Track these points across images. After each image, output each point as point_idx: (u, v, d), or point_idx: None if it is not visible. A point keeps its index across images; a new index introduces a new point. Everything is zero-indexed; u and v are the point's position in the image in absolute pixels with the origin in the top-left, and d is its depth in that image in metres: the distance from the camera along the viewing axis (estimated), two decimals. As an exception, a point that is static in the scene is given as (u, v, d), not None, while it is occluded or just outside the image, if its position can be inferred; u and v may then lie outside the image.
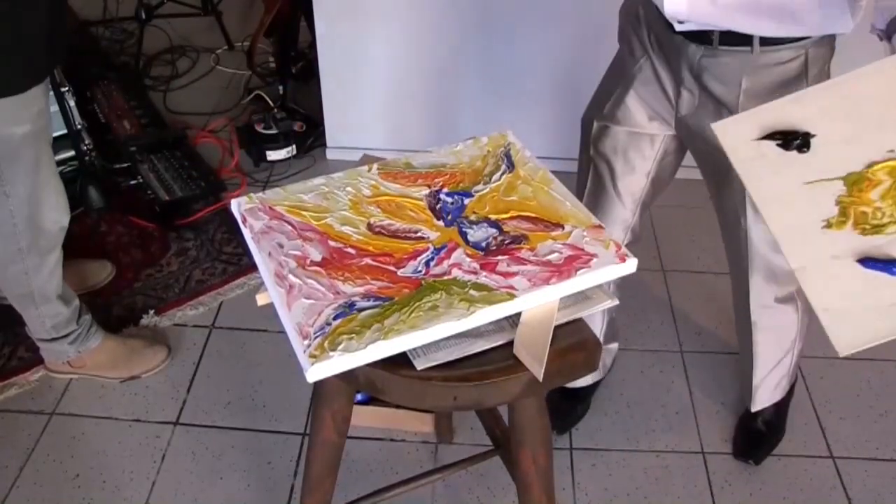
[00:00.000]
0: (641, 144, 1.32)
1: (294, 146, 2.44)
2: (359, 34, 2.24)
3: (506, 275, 0.84)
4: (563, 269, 0.85)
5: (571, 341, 0.86)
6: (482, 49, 2.25)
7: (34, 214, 1.45)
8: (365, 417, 1.63)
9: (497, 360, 0.84)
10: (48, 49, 1.32)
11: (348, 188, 0.97)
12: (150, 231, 2.16)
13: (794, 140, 0.83)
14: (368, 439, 1.65)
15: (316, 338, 0.77)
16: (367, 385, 0.86)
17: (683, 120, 1.24)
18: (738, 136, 0.86)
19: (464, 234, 0.90)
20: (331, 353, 0.75)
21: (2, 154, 1.33)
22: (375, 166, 1.02)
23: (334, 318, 0.79)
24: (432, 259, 0.87)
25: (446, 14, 2.20)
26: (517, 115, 2.32)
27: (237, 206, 0.95)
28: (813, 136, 0.83)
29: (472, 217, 0.93)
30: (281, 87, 2.64)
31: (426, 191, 0.97)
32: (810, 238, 0.80)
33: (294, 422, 1.69)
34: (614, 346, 1.70)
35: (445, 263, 0.86)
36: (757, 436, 1.63)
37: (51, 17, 1.29)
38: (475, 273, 0.85)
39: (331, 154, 2.51)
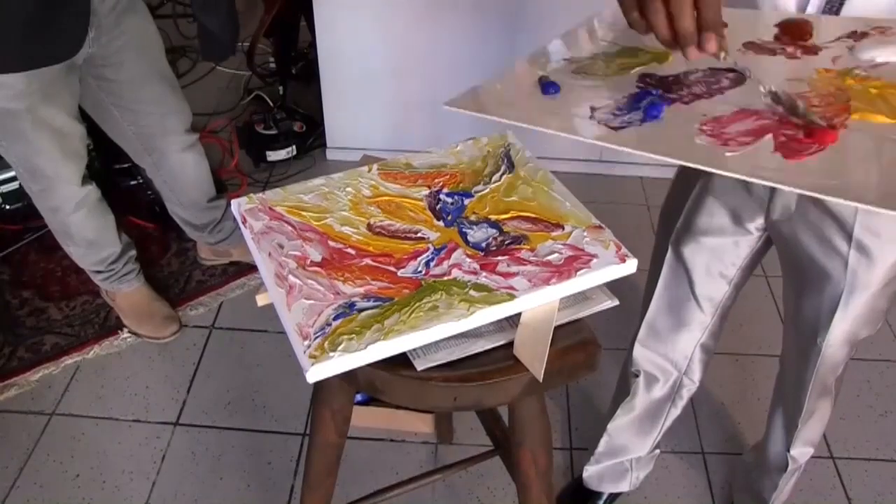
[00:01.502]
0: (724, 254, 1.17)
1: (294, 146, 2.45)
2: (358, 34, 2.25)
3: (506, 275, 0.84)
4: (563, 270, 0.85)
5: (572, 342, 0.86)
6: (482, 49, 2.25)
7: (35, 174, 1.59)
8: (365, 417, 1.63)
9: (497, 360, 0.84)
10: (29, 41, 1.35)
11: (348, 188, 0.97)
12: (150, 231, 2.16)
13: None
14: (368, 439, 1.65)
15: (316, 338, 0.77)
16: (367, 385, 0.86)
17: (776, 225, 1.08)
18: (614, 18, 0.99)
19: (464, 235, 0.90)
20: (331, 354, 0.75)
21: None
22: (375, 166, 1.01)
23: (334, 319, 0.79)
24: (432, 259, 0.86)
25: (446, 14, 2.20)
26: (517, 115, 2.32)
27: (237, 206, 0.95)
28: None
29: (472, 217, 0.93)
30: (281, 87, 2.65)
31: (426, 191, 0.97)
32: (544, 61, 0.90)
33: (294, 422, 1.70)
34: (657, 452, 1.52)
35: (445, 264, 0.86)
36: None
37: (37, 9, 1.32)
38: (475, 273, 0.84)
39: (331, 154, 2.51)
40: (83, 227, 1.71)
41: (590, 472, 1.51)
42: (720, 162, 0.69)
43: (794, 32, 0.89)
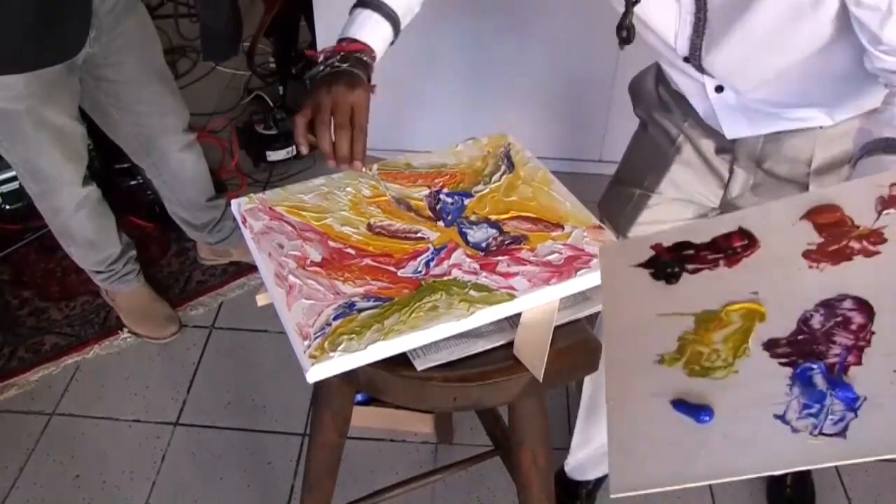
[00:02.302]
0: None
1: (294, 146, 2.44)
2: (359, 34, 2.24)
3: (506, 275, 0.84)
4: (563, 270, 0.85)
5: (571, 342, 0.86)
6: (482, 49, 2.25)
7: (36, 175, 1.59)
8: (365, 417, 1.63)
9: (497, 360, 0.84)
10: (29, 41, 1.35)
11: (348, 188, 0.97)
12: (149, 231, 2.16)
13: (666, 269, 0.80)
14: (368, 439, 1.65)
15: (316, 338, 0.77)
16: (367, 385, 0.86)
17: (732, 203, 1.09)
18: (620, 260, 0.83)
19: (464, 235, 0.90)
20: (331, 354, 0.75)
21: None
22: (375, 166, 1.02)
23: (334, 319, 0.79)
24: (432, 259, 0.87)
25: (446, 14, 2.19)
26: (517, 115, 2.32)
27: (237, 206, 0.95)
28: (688, 269, 0.79)
29: (472, 217, 0.93)
30: (281, 88, 2.64)
31: (426, 191, 0.97)
32: (637, 373, 0.74)
33: (294, 422, 1.69)
34: None
35: (445, 264, 0.86)
36: (789, 501, 1.56)
37: (38, 9, 1.32)
38: (475, 273, 0.85)
39: (331, 154, 2.50)
40: (84, 228, 1.71)
41: (571, 464, 1.53)
42: None
43: (833, 223, 0.78)
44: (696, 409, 0.69)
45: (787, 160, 1.03)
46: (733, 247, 0.79)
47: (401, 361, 0.81)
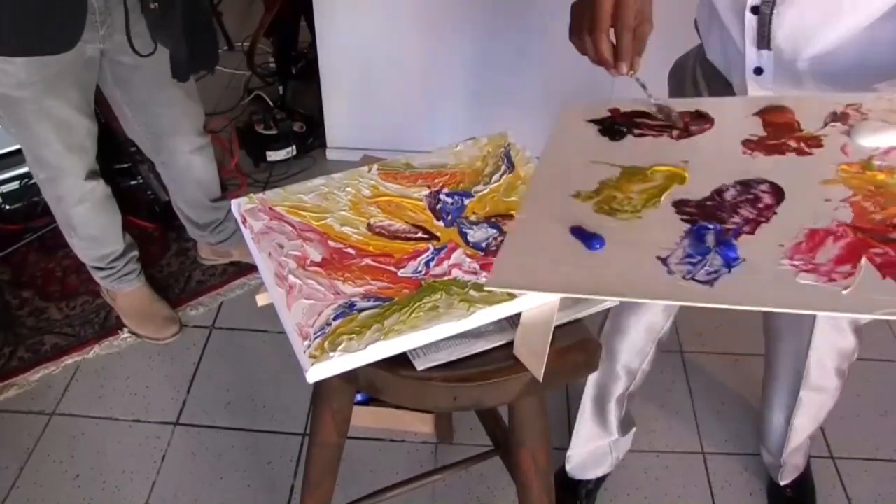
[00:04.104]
0: None
1: (294, 146, 2.45)
2: (358, 34, 2.25)
3: (506, 275, 0.84)
4: (563, 270, 0.85)
5: (571, 341, 0.86)
6: (482, 49, 2.25)
7: (41, 162, 1.60)
8: (365, 417, 1.63)
9: (497, 360, 0.84)
10: (29, 30, 1.35)
11: (348, 188, 0.97)
12: (150, 231, 2.16)
13: (614, 127, 0.90)
14: (368, 439, 1.65)
15: (316, 338, 0.77)
16: (367, 385, 0.86)
17: None
18: (577, 114, 0.93)
19: (464, 235, 0.90)
20: (331, 354, 0.75)
21: None
22: (375, 166, 1.02)
23: (334, 319, 0.79)
24: (432, 259, 0.87)
25: (446, 14, 2.20)
26: (517, 115, 2.32)
27: (237, 206, 0.95)
28: (634, 133, 0.89)
29: (472, 217, 0.93)
30: (281, 87, 2.64)
31: (426, 191, 0.97)
32: (552, 200, 0.82)
33: (294, 422, 1.70)
34: (632, 432, 1.56)
35: (445, 264, 0.86)
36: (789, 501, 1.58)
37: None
38: (475, 273, 0.84)
39: (331, 154, 2.51)
40: (86, 222, 1.71)
41: (573, 462, 1.53)
42: (846, 304, 0.63)
43: (781, 123, 0.86)
44: (589, 236, 0.75)
45: None
46: (687, 123, 0.90)
47: (401, 361, 0.81)
